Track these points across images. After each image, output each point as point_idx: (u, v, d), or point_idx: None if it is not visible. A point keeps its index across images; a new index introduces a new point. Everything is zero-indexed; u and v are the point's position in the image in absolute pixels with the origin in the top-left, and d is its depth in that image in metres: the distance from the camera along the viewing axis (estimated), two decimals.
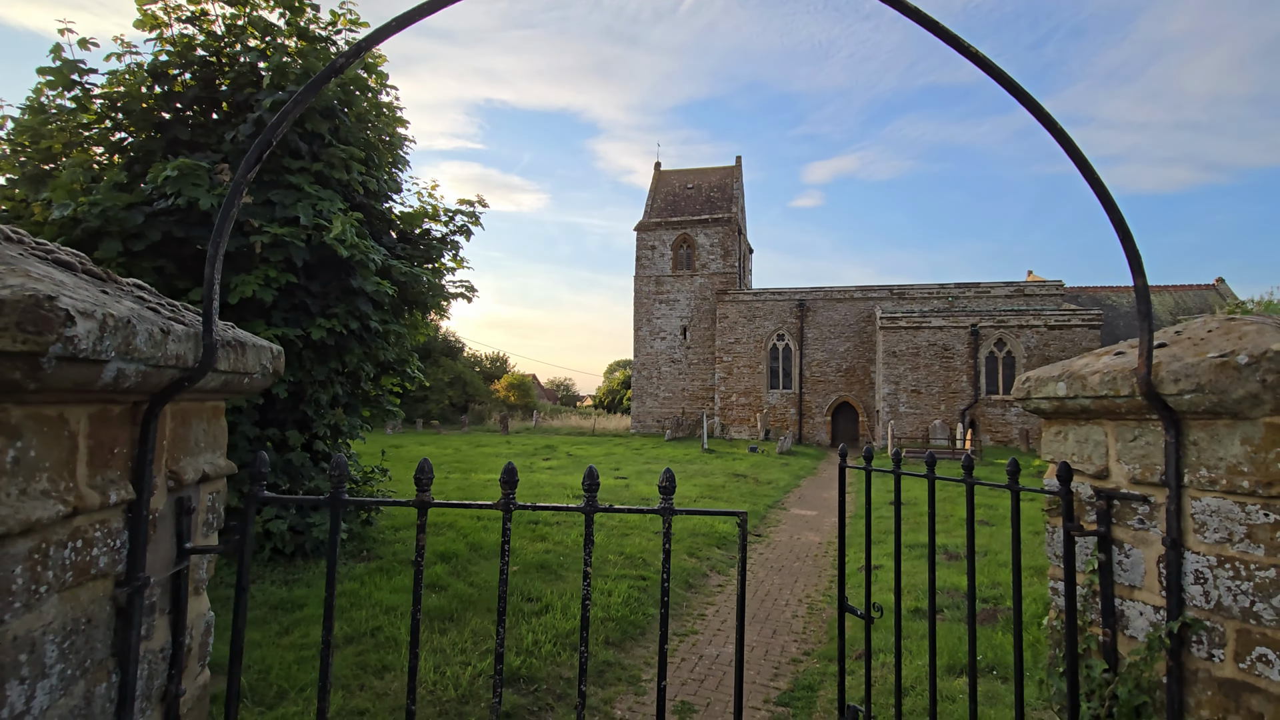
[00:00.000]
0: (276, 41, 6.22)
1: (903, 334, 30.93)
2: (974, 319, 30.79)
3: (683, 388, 35.50)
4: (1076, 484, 2.16)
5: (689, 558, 8.28)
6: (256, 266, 5.42)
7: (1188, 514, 1.85)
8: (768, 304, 33.97)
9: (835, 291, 33.55)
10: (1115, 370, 2.00)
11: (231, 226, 1.55)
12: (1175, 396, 1.81)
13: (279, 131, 1.46)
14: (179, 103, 5.79)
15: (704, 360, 35.23)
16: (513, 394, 51.88)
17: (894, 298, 33.11)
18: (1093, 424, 2.15)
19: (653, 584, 7.01)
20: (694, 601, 6.87)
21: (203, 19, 5.98)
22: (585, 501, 1.65)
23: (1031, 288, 32.92)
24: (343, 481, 1.53)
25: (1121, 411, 2.01)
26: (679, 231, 36.49)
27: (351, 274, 5.96)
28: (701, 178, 40.13)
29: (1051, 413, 2.26)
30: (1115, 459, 2.07)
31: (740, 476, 17.00)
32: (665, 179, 40.34)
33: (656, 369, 36.03)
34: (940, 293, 33.07)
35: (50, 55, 5.36)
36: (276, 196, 5.54)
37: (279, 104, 5.44)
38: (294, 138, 5.79)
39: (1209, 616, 1.80)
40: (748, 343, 34.13)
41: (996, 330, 30.56)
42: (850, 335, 33.38)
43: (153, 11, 5.74)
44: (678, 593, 7.03)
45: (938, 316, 30.75)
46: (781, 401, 33.23)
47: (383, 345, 6.83)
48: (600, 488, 8.82)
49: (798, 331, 33.48)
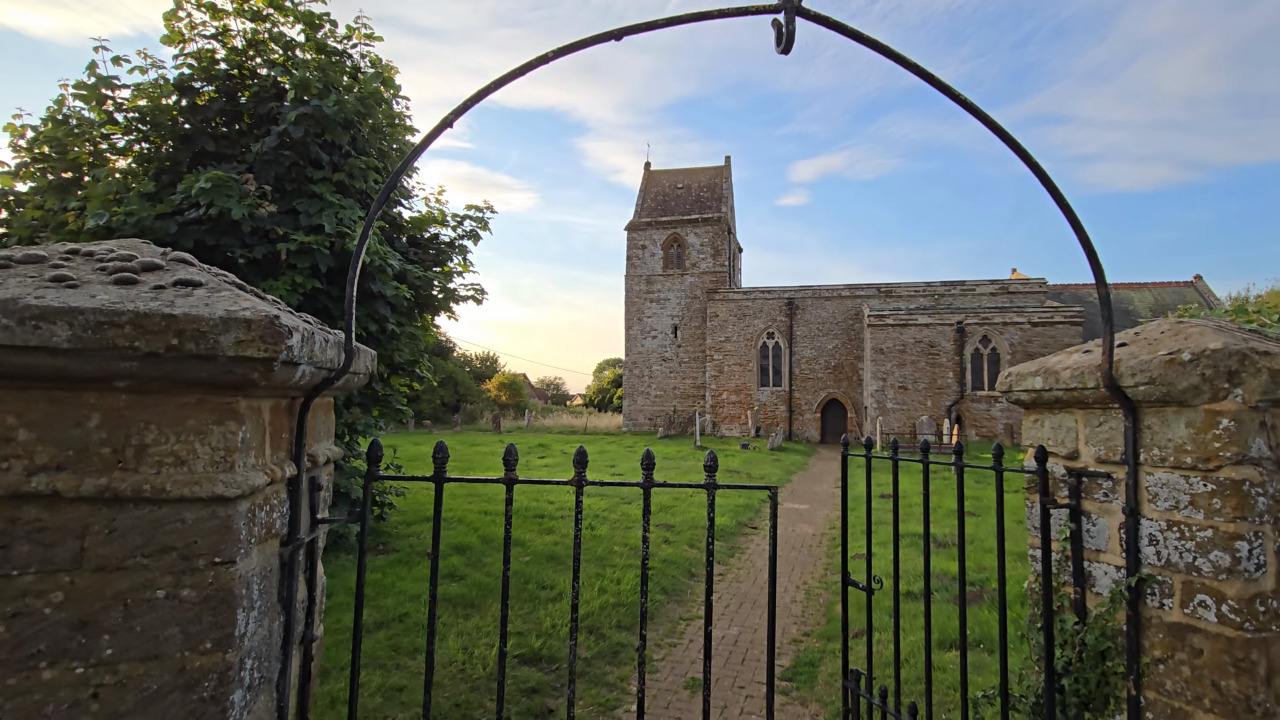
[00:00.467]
0: (295, 55, 6.47)
1: (890, 331, 31.38)
2: (959, 316, 31.27)
3: (674, 386, 35.85)
4: (1051, 465, 2.51)
5: (689, 549, 8.61)
6: (284, 272, 5.68)
7: (1143, 487, 2.20)
8: (758, 303, 34.34)
9: (824, 290, 33.96)
10: (1083, 366, 2.35)
11: (362, 256, 1.84)
12: (1133, 388, 2.16)
13: (399, 176, 1.75)
14: (203, 115, 6.04)
15: (695, 358, 35.59)
16: (504, 393, 52.00)
17: (882, 296, 33.54)
18: (1065, 412, 2.50)
19: (658, 572, 7.34)
20: (697, 589, 7.20)
21: (225, 34, 6.23)
22: (643, 479, 1.98)
23: (1016, 285, 33.37)
24: (444, 462, 1.84)
25: (1089, 401, 2.36)
26: (669, 231, 36.79)
27: (371, 279, 6.23)
28: (691, 178, 40.42)
29: (1030, 403, 2.60)
30: (1084, 442, 2.42)
31: (733, 473, 17.38)
32: (655, 179, 40.62)
33: (648, 367, 36.35)
34: (927, 290, 33.49)
35: (86, 72, 5.59)
36: (301, 205, 5.80)
37: (304, 117, 5.69)
38: (316, 149, 6.05)
39: (1160, 572, 2.15)
40: (738, 341, 34.50)
41: (981, 327, 31.03)
42: (839, 333, 33.78)
43: (179, 28, 5.98)
44: (682, 580, 7.37)
45: (924, 314, 31.23)
46: (772, 399, 33.63)
47: (397, 347, 7.10)
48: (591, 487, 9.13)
49: (787, 330, 33.88)
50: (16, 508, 1.21)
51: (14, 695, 1.19)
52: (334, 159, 6.27)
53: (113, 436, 1.26)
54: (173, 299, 1.25)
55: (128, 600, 1.25)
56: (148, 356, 1.20)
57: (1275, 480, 2.01)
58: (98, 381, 1.23)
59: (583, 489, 1.91)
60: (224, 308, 1.25)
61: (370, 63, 6.81)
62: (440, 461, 1.85)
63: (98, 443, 1.25)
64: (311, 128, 5.82)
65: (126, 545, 1.25)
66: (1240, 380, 2.00)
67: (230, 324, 1.23)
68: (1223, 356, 2.00)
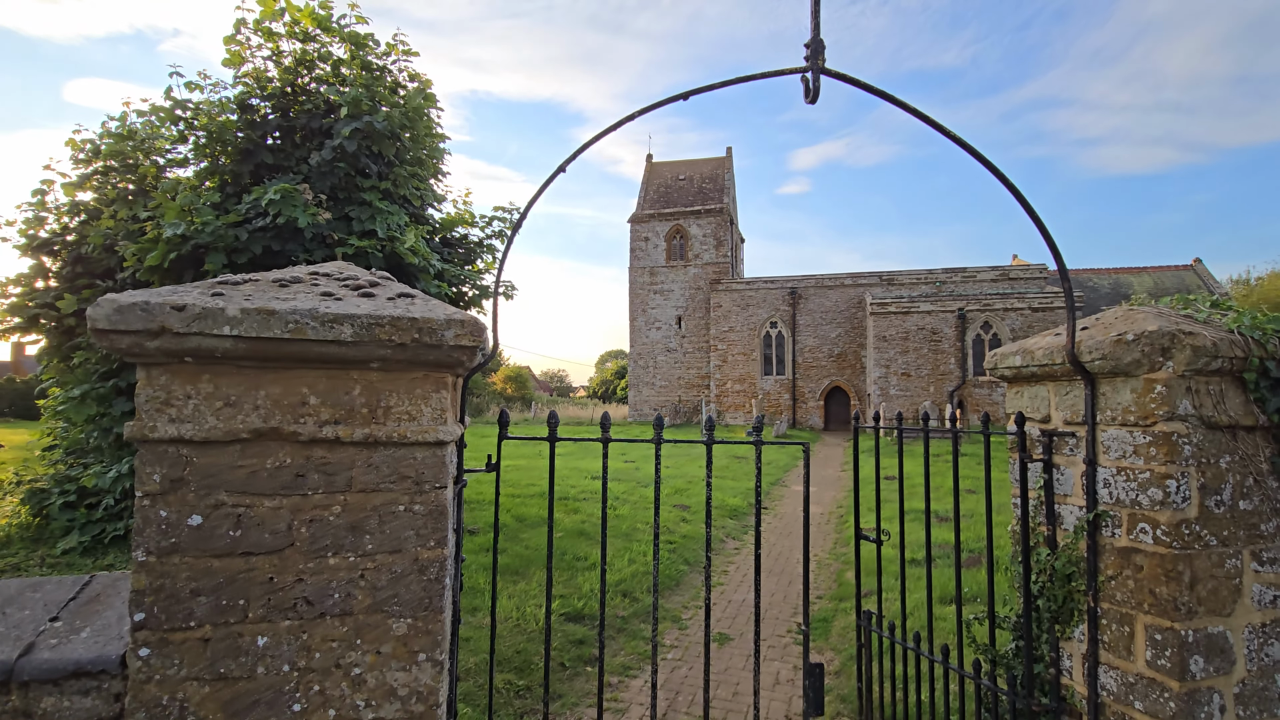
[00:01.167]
0: (341, 72, 7.02)
1: (892, 319, 31.79)
2: (961, 303, 31.61)
3: (679, 376, 36.42)
4: (1029, 428, 3.08)
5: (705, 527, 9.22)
6: None
7: (1099, 442, 2.77)
8: (760, 292, 34.80)
9: (826, 279, 34.39)
10: (1054, 346, 2.91)
11: (502, 275, 2.39)
12: (1090, 363, 2.73)
13: (534, 201, 2.30)
14: (261, 130, 6.58)
15: (699, 349, 36.13)
16: (510, 386, 52.63)
17: (883, 284, 33.93)
18: (1039, 385, 3.07)
19: (680, 547, 7.94)
20: (716, 561, 7.80)
21: (278, 55, 6.76)
22: (706, 437, 2.55)
23: (1016, 272, 33.65)
24: (556, 425, 2.41)
25: (1058, 375, 2.93)
26: (672, 222, 37.22)
27: (415, 279, 6.80)
28: (693, 169, 40.77)
29: (1011, 378, 3.17)
30: (1054, 408, 2.99)
31: (740, 459, 17.97)
32: (657, 171, 40.99)
33: (653, 358, 36.89)
34: (928, 278, 33.85)
35: (164, 96, 6.15)
36: (353, 212, 6.36)
37: (358, 132, 6.25)
38: (365, 159, 6.61)
39: (1112, 508, 2.72)
40: (742, 330, 35.01)
41: (982, 314, 31.38)
42: (841, 321, 34.20)
43: (237, 50, 6.51)
44: (701, 554, 7.97)
45: (926, 301, 31.62)
46: (776, 387, 34.18)
47: None
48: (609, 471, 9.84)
49: (790, 319, 34.38)
50: (311, 449, 1.76)
51: (313, 575, 1.75)
52: (380, 168, 6.83)
53: (369, 400, 1.81)
54: (406, 306, 1.81)
55: (381, 512, 1.81)
56: (398, 346, 1.75)
57: (1197, 431, 2.58)
58: (359, 363, 1.78)
59: (660, 447, 2.47)
60: (442, 311, 1.80)
61: (409, 76, 7.35)
62: (553, 426, 2.42)
63: (360, 405, 1.80)
64: (362, 141, 6.38)
65: (379, 474, 1.81)
66: (1171, 355, 2.57)
67: (450, 323, 1.78)
68: (1157, 336, 2.56)
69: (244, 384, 1.73)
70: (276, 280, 1.89)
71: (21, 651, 1.75)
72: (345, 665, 1.76)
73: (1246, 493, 2.63)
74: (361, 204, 6.51)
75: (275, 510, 1.74)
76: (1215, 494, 2.57)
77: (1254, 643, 2.60)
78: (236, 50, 6.51)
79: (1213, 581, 2.56)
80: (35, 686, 1.71)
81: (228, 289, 1.77)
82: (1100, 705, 2.73)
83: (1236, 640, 2.57)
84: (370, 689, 1.77)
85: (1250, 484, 2.64)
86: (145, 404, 1.69)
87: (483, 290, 8.11)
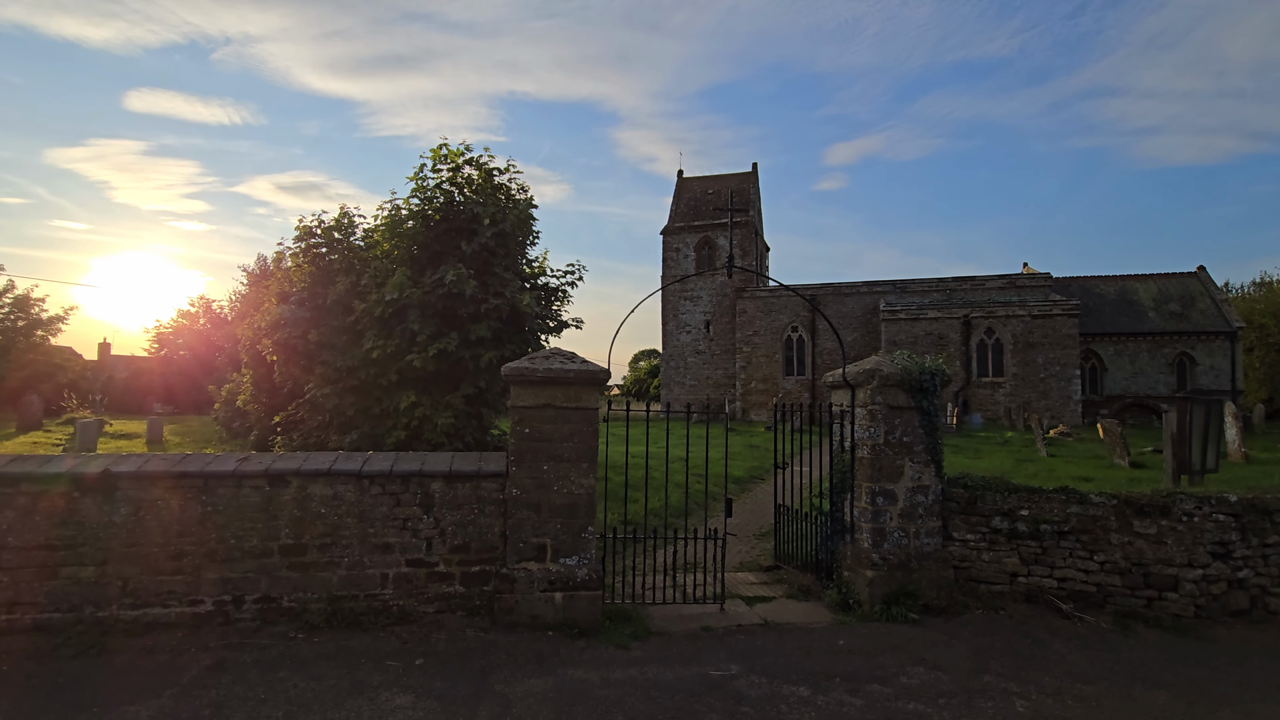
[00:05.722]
0: (475, 184, 11.06)
1: (902, 325, 34.54)
2: (967, 310, 34.04)
3: (707, 376, 39.91)
4: (837, 410, 6.89)
5: (714, 486, 13.05)
6: (482, 319, 10.26)
7: (857, 416, 6.57)
8: (782, 299, 37.84)
9: (844, 287, 37.26)
10: (838, 374, 6.73)
11: (619, 329, 6.30)
12: (851, 379, 6.54)
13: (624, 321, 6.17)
14: (433, 230, 10.64)
15: (725, 351, 39.53)
16: None
17: (897, 291, 36.58)
18: (841, 390, 6.88)
19: (695, 493, 11.82)
20: (714, 507, 11.64)
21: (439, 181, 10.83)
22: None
23: (1023, 279, 35.45)
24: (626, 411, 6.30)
25: (843, 385, 6.74)
26: (701, 234, 40.55)
27: (525, 318, 10.79)
28: (721, 184, 44.07)
29: (831, 385, 6.99)
30: (844, 402, 6.80)
31: (754, 447, 21.68)
32: (687, 185, 44.43)
33: (683, 360, 40.43)
34: (939, 286, 36.13)
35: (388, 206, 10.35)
36: (489, 281, 10.36)
37: (499, 234, 10.29)
38: (494, 244, 10.63)
39: (859, 441, 6.51)
40: (765, 334, 38.18)
41: (986, 320, 33.65)
42: (858, 326, 36.72)
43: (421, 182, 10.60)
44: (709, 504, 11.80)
45: (934, 309, 34.21)
46: (796, 387, 37.32)
47: None
48: (635, 457, 14.21)
49: (810, 324, 37.51)
50: (560, 409, 5.66)
51: (572, 444, 5.65)
52: (504, 252, 10.85)
53: (566, 395, 5.61)
54: (582, 364, 5.67)
55: (581, 429, 5.65)
56: (577, 374, 5.61)
57: (884, 409, 6.34)
58: (561, 383, 5.64)
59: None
60: (594, 365, 5.67)
61: (519, 188, 11.39)
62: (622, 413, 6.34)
63: (562, 397, 5.62)
64: (495, 236, 10.40)
65: (579, 418, 5.67)
66: (874, 377, 6.35)
67: (594, 371, 5.63)
68: (869, 368, 6.36)
69: (540, 390, 5.67)
70: (544, 355, 5.81)
71: (446, 467, 5.71)
72: (570, 474, 5.67)
73: (906, 433, 6.40)
74: (493, 274, 10.50)
75: (551, 427, 5.68)
76: (891, 434, 6.36)
77: (906, 494, 6.38)
78: (421, 182, 10.59)
79: (891, 469, 6.34)
80: (460, 481, 5.66)
81: (536, 360, 5.71)
82: (854, 523, 6.54)
83: (900, 492, 6.35)
84: (573, 481, 5.66)
85: (907, 429, 6.42)
86: (514, 394, 5.64)
87: (561, 323, 12.11)
